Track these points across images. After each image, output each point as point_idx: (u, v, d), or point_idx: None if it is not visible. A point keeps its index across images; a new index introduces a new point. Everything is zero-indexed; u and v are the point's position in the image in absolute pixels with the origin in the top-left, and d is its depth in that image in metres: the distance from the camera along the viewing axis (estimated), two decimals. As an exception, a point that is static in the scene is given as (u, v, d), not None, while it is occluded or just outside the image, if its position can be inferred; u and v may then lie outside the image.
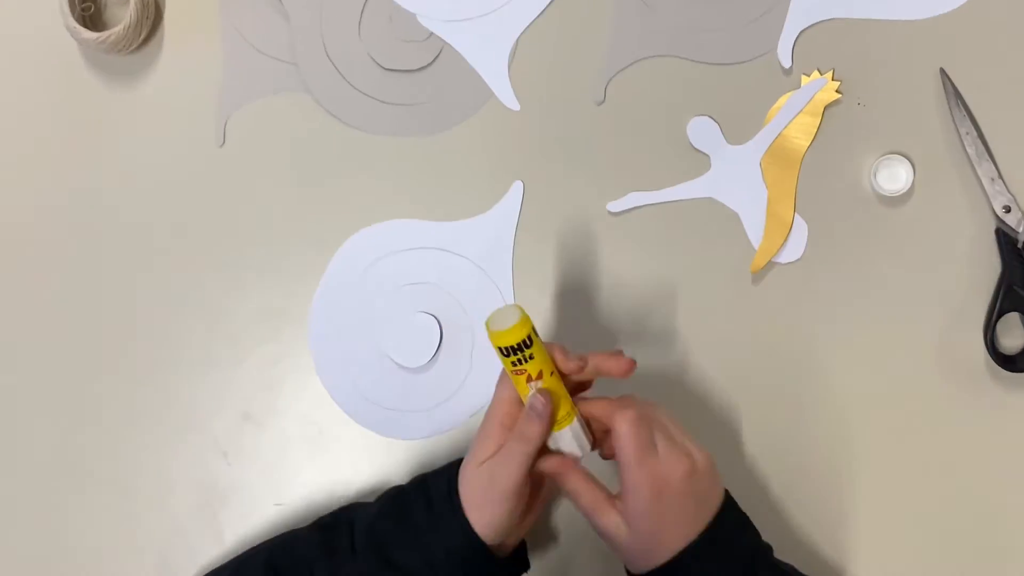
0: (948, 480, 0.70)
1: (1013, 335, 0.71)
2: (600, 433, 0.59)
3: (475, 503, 0.56)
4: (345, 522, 0.61)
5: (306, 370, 0.73)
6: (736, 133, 0.73)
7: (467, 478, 0.58)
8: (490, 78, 0.74)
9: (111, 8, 0.75)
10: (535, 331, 0.56)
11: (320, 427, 0.72)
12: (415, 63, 0.74)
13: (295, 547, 0.61)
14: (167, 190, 0.74)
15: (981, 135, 0.71)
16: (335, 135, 0.74)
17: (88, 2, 0.73)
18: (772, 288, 0.72)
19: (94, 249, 0.74)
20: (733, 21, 0.73)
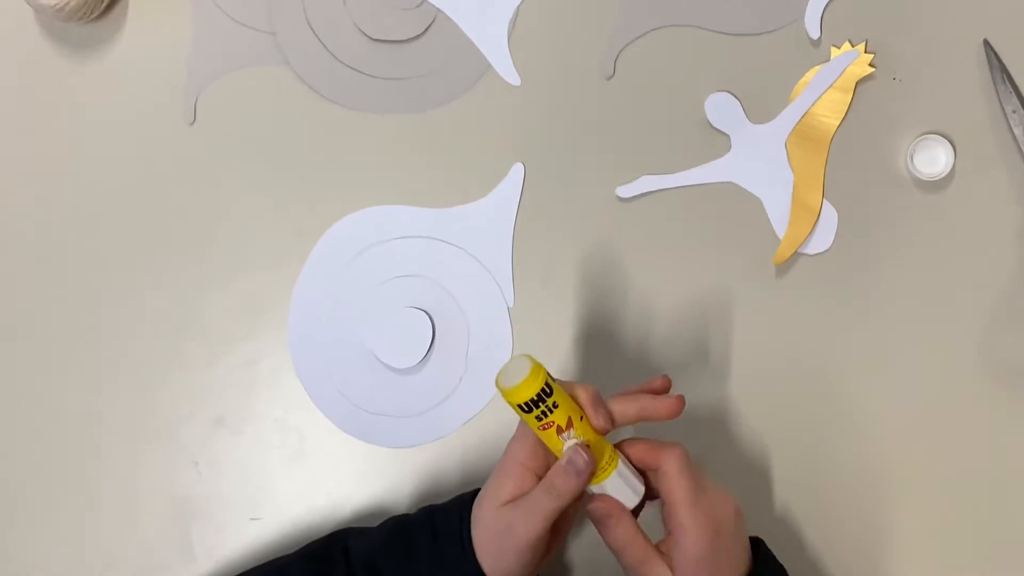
0: (999, 496, 0.69)
1: (1064, 334, 0.71)
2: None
3: (489, 550, 0.56)
4: (339, 551, 0.60)
5: (285, 371, 0.72)
6: (759, 111, 0.72)
7: (482, 519, 0.56)
8: (488, 49, 0.73)
9: (70, -28, 0.75)
10: (551, 377, 0.55)
11: (300, 434, 0.72)
12: (405, 33, 0.74)
13: None
14: (131, 173, 0.73)
15: (1029, 113, 0.71)
16: (317, 112, 0.73)
17: (44, -36, 0.72)
18: (798, 281, 0.72)
19: (49, 239, 0.73)
20: (756, -13, 0.73)
